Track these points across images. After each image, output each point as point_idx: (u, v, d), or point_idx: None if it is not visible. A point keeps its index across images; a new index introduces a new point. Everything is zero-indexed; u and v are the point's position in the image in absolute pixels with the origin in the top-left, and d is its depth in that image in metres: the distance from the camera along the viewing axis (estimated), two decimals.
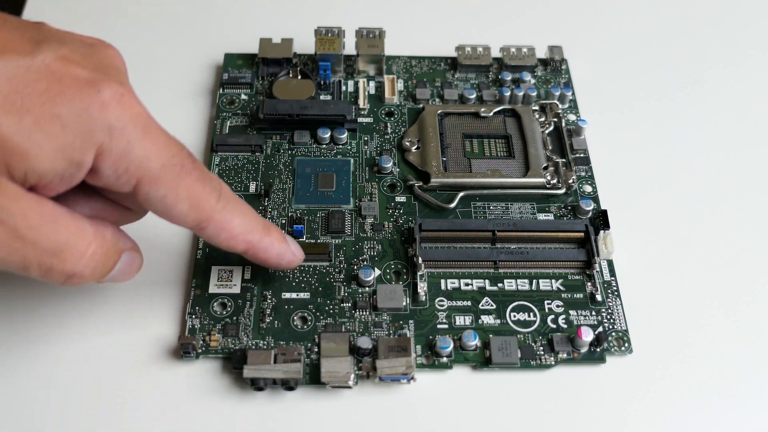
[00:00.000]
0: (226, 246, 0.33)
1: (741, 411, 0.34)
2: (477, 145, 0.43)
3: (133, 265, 0.33)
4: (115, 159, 0.29)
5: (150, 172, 0.30)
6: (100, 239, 0.30)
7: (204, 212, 0.32)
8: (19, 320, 0.36)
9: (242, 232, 0.33)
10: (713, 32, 0.52)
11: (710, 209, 0.42)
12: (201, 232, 0.32)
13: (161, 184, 0.30)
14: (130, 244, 0.33)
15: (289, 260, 0.35)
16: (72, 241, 0.29)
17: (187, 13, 0.52)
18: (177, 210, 0.31)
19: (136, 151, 0.29)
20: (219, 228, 0.32)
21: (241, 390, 0.34)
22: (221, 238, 0.33)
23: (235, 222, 0.33)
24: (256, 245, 0.34)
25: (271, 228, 0.35)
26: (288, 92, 0.45)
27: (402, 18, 0.52)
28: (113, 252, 0.31)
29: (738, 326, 0.37)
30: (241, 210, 0.33)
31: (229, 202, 0.32)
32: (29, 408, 0.34)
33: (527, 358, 0.35)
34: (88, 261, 0.30)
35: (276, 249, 0.35)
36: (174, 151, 0.31)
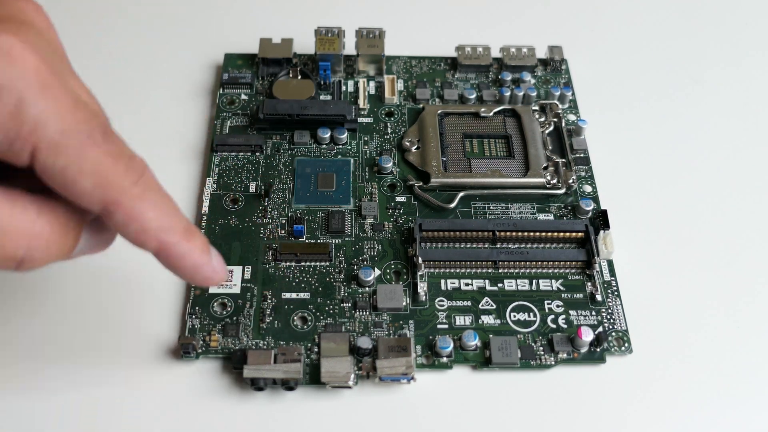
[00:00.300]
0: (134, 240, 0.28)
1: (741, 411, 0.34)
2: (477, 145, 0.43)
3: (105, 233, 0.29)
4: (5, 120, 0.25)
5: (47, 137, 0.25)
6: (48, 215, 0.27)
7: (112, 193, 0.26)
8: (19, 320, 0.36)
9: (157, 228, 0.28)
10: (713, 32, 0.52)
11: (710, 209, 0.42)
12: (107, 218, 0.27)
13: (60, 152, 0.25)
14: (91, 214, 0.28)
15: (206, 276, 0.30)
16: (7, 222, 0.26)
17: (187, 13, 0.52)
18: (80, 186, 0.26)
19: (30, 111, 0.25)
20: (128, 216, 0.27)
21: (241, 390, 0.34)
22: (130, 230, 0.27)
23: (150, 214, 0.27)
24: (171, 248, 0.28)
25: (195, 233, 0.29)
26: (288, 92, 0.45)
27: (402, 18, 0.52)
28: (71, 225, 0.28)
29: (738, 326, 0.37)
30: (161, 203, 0.28)
31: (148, 189, 0.28)
32: (29, 408, 0.34)
33: (527, 358, 0.35)
34: (36, 242, 0.27)
35: (194, 259, 0.29)
36: (80, 117, 0.26)
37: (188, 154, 0.43)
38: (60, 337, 0.36)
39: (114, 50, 0.49)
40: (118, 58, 0.48)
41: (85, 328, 0.36)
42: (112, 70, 0.48)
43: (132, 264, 0.38)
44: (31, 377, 0.34)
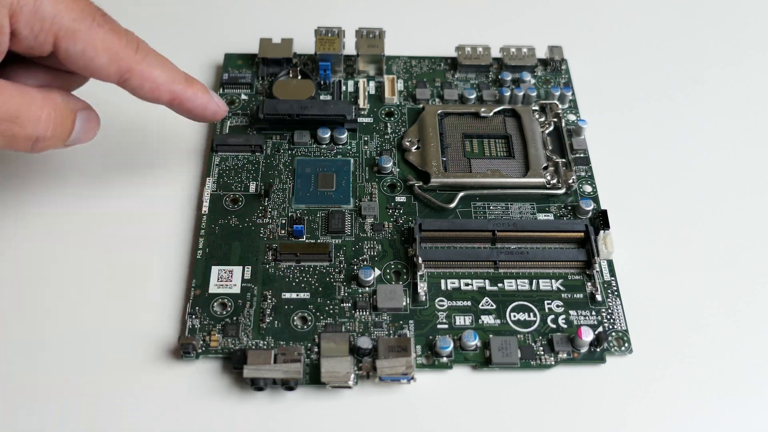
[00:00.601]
0: (151, 97, 0.35)
1: (741, 411, 0.34)
2: (477, 145, 0.43)
3: (92, 122, 0.35)
4: (28, 17, 0.31)
5: (64, 26, 0.31)
6: (51, 103, 0.33)
7: (124, 63, 0.33)
8: (19, 320, 0.36)
9: (165, 82, 0.35)
10: (713, 32, 0.52)
11: (710, 209, 0.42)
12: (125, 85, 0.34)
13: (78, 37, 0.32)
14: (81, 104, 0.35)
15: (213, 111, 0.37)
16: (24, 107, 0.32)
17: (187, 13, 0.52)
18: (98, 62, 0.33)
19: (46, 8, 0.31)
20: (142, 78, 0.34)
21: (241, 390, 0.34)
22: (145, 89, 0.34)
23: (156, 72, 0.34)
24: (181, 95, 0.35)
25: (194, 80, 0.37)
26: (288, 92, 0.45)
27: (402, 18, 0.52)
28: (68, 112, 0.34)
29: (738, 326, 0.37)
30: (161, 61, 0.35)
31: (148, 53, 0.34)
32: (29, 408, 0.34)
33: (527, 358, 0.35)
34: (46, 123, 0.32)
35: (200, 99, 0.36)
36: (82, 5, 0.32)
37: (188, 154, 0.43)
38: (60, 336, 0.36)
39: None
40: None
41: (85, 328, 0.36)
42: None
43: (132, 264, 0.39)
44: (31, 377, 0.34)
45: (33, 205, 0.40)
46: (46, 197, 0.41)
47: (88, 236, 0.39)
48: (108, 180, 0.42)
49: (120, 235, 0.39)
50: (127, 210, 0.40)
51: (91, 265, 0.38)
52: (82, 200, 0.41)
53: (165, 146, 0.44)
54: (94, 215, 0.40)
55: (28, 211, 0.40)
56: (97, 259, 0.39)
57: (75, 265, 0.38)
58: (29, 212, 0.40)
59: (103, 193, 0.41)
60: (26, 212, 0.40)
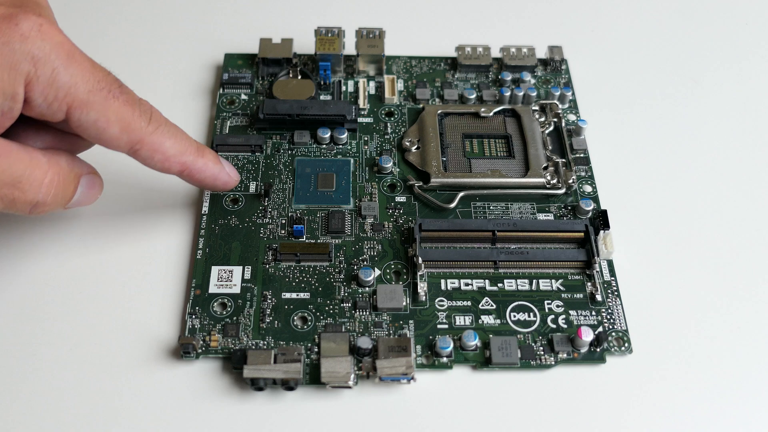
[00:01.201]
0: (161, 168, 0.35)
1: (741, 411, 0.34)
2: (477, 145, 0.43)
3: (94, 188, 0.35)
4: (44, 87, 0.30)
5: (78, 97, 0.31)
6: (55, 167, 0.32)
7: (135, 134, 0.33)
8: (19, 320, 0.36)
9: (175, 153, 0.34)
10: (713, 32, 0.52)
11: (710, 209, 0.42)
12: (135, 155, 0.34)
13: (91, 108, 0.31)
14: (86, 168, 0.35)
15: (224, 181, 0.37)
16: (28, 172, 0.31)
17: (187, 13, 0.52)
18: (109, 133, 0.32)
19: (63, 78, 0.31)
20: (152, 150, 0.34)
21: (241, 390, 0.34)
22: (156, 160, 0.34)
23: (167, 144, 0.34)
24: (191, 166, 0.35)
25: (205, 150, 0.36)
26: (288, 92, 0.45)
27: (402, 18, 0.52)
28: (71, 177, 0.33)
29: (738, 326, 0.37)
30: (173, 132, 0.35)
31: (160, 124, 0.34)
32: (29, 408, 0.34)
33: (527, 358, 0.35)
34: (48, 188, 0.32)
35: (210, 170, 0.36)
36: (99, 76, 0.32)
37: None
38: (60, 336, 0.36)
39: (114, 50, 0.49)
40: (118, 58, 0.48)
41: (85, 328, 0.36)
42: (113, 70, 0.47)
43: (132, 264, 0.39)
44: (31, 377, 0.34)
45: None
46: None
47: (88, 236, 0.39)
48: (107, 180, 0.41)
49: (120, 234, 0.39)
50: (127, 210, 0.40)
51: (91, 264, 0.38)
52: None
53: None
54: (94, 215, 0.40)
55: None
56: (97, 259, 0.39)
57: (75, 265, 0.38)
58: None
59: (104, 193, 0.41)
60: None
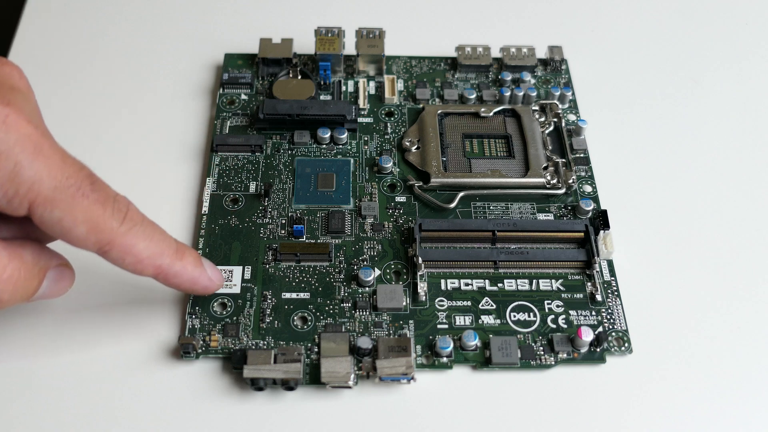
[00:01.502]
0: (133, 270, 0.32)
1: (741, 411, 0.34)
2: (477, 145, 0.43)
3: (63, 281, 0.33)
4: (4, 181, 0.28)
5: (42, 193, 0.28)
6: (16, 261, 0.30)
7: (104, 235, 0.30)
8: (19, 320, 0.36)
9: (149, 255, 0.31)
10: (713, 32, 0.52)
11: (710, 209, 0.42)
12: (105, 256, 0.31)
13: (56, 206, 0.29)
14: (55, 260, 0.32)
15: (204, 286, 0.34)
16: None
17: (187, 13, 0.52)
18: (75, 233, 0.30)
19: (26, 173, 0.28)
20: (123, 252, 0.31)
21: (241, 390, 0.34)
22: (127, 263, 0.31)
23: (141, 245, 0.31)
24: (166, 270, 0.32)
25: (186, 251, 0.33)
26: (288, 92, 0.45)
27: (402, 18, 0.52)
28: (35, 272, 0.31)
29: (738, 326, 0.37)
30: (149, 232, 0.31)
31: (135, 224, 0.31)
32: (29, 408, 0.34)
33: (527, 358, 0.35)
34: (5, 285, 0.30)
35: (189, 274, 0.33)
36: (69, 172, 0.29)
37: (188, 154, 0.43)
38: (60, 336, 0.36)
39: (114, 50, 0.49)
40: (118, 58, 0.48)
41: (85, 328, 0.36)
42: (112, 70, 0.48)
43: None
44: (32, 377, 0.34)
45: None
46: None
47: None
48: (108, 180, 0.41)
49: None
50: None
51: (92, 264, 0.38)
52: None
53: (165, 146, 0.44)
54: None
55: None
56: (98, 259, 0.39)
57: (75, 265, 0.38)
58: None
59: None
60: None
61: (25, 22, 0.49)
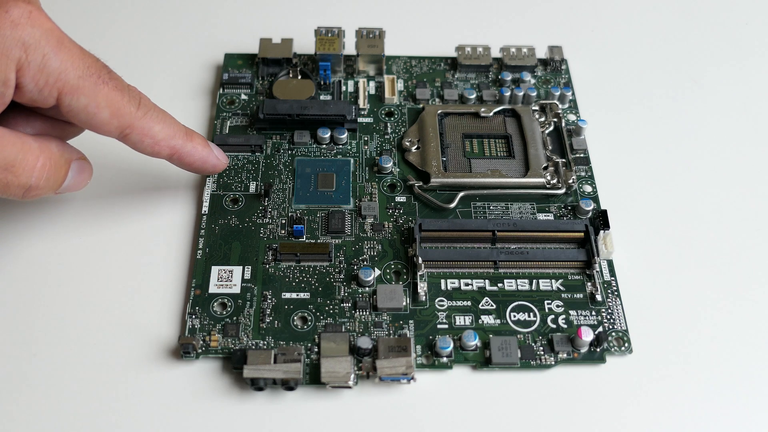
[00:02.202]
0: (151, 152, 0.36)
1: (741, 411, 0.34)
2: (477, 145, 0.43)
3: (84, 173, 0.36)
4: (35, 72, 0.31)
5: (69, 82, 0.32)
6: (47, 152, 0.33)
7: (125, 119, 0.34)
8: (19, 320, 0.36)
9: (165, 137, 0.35)
10: (713, 32, 0.52)
11: (710, 209, 0.42)
12: (125, 140, 0.35)
13: (81, 93, 0.32)
14: (76, 154, 0.35)
15: (213, 164, 0.38)
16: (21, 156, 0.32)
17: (187, 13, 0.52)
18: (99, 118, 0.33)
19: (53, 64, 0.31)
20: (142, 134, 0.34)
21: (241, 390, 0.34)
22: (145, 145, 0.35)
23: (156, 128, 0.35)
24: (180, 150, 0.36)
25: (194, 134, 0.37)
26: (288, 92, 0.45)
27: (402, 18, 0.52)
28: (62, 162, 0.34)
29: (738, 326, 0.37)
30: (162, 117, 0.35)
31: (149, 109, 0.35)
32: (29, 408, 0.34)
33: (527, 358, 0.35)
34: (40, 172, 0.33)
35: (199, 153, 0.37)
36: (89, 62, 0.32)
37: None
38: (60, 336, 0.36)
39: (114, 50, 0.49)
40: (118, 58, 0.48)
41: (85, 328, 0.36)
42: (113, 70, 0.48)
43: (132, 264, 0.39)
44: (31, 377, 0.34)
45: (33, 204, 0.40)
46: (45, 198, 0.41)
47: (88, 236, 0.39)
48: (107, 180, 0.42)
49: (120, 234, 0.39)
50: (127, 210, 0.40)
51: (92, 264, 0.38)
52: (82, 201, 0.41)
53: None
54: (94, 215, 0.40)
55: (28, 210, 0.40)
56: (97, 259, 0.39)
57: (75, 265, 0.38)
58: (30, 212, 0.40)
59: (103, 192, 0.41)
60: (27, 212, 0.40)
61: None
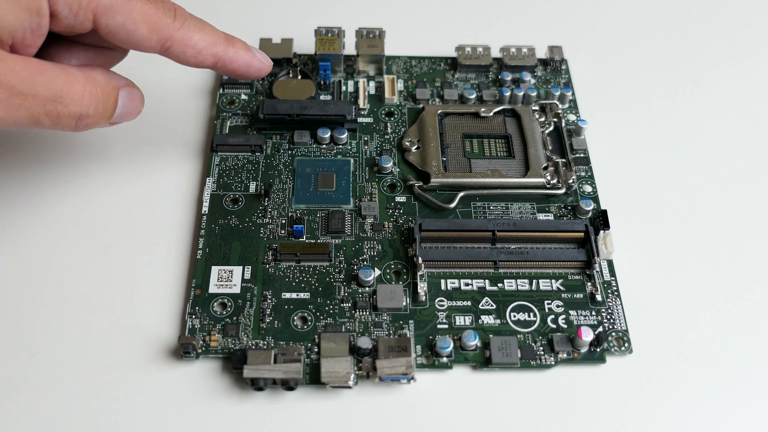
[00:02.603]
0: (194, 62, 0.35)
1: (741, 411, 0.34)
2: (477, 145, 0.43)
3: (135, 100, 0.35)
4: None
5: (102, 3, 0.32)
6: (92, 81, 0.33)
7: (164, 32, 0.33)
8: (19, 320, 0.36)
9: (206, 45, 0.35)
10: (713, 32, 0.52)
11: (710, 209, 0.42)
12: (167, 53, 0.34)
13: (116, 11, 0.32)
14: (123, 81, 0.35)
15: (258, 68, 0.38)
16: (67, 86, 0.32)
17: None
18: (138, 35, 0.33)
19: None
20: (183, 45, 0.34)
21: (241, 390, 0.34)
22: (188, 55, 0.35)
23: (196, 37, 0.35)
24: (223, 56, 0.36)
25: (234, 39, 0.37)
26: (288, 92, 0.45)
27: (402, 18, 0.52)
28: (110, 89, 0.34)
29: (738, 326, 0.37)
30: (200, 25, 0.35)
31: (186, 19, 0.34)
32: (29, 408, 0.34)
33: (527, 358, 0.35)
34: (89, 100, 0.33)
35: (242, 58, 0.37)
36: None
37: (188, 154, 0.43)
38: (60, 336, 0.36)
39: None
40: None
41: (85, 328, 0.36)
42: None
43: (132, 264, 0.39)
44: (31, 377, 0.35)
45: (33, 205, 0.40)
46: (45, 198, 0.41)
47: (88, 236, 0.39)
48: (108, 180, 0.42)
49: (120, 234, 0.39)
50: (127, 210, 0.40)
51: (92, 264, 0.38)
52: (82, 201, 0.41)
53: (165, 146, 0.43)
54: (94, 215, 0.40)
55: (28, 212, 0.40)
56: (98, 259, 0.39)
57: (75, 265, 0.38)
58: (29, 213, 0.40)
59: (103, 192, 0.41)
60: (26, 213, 0.40)
61: None
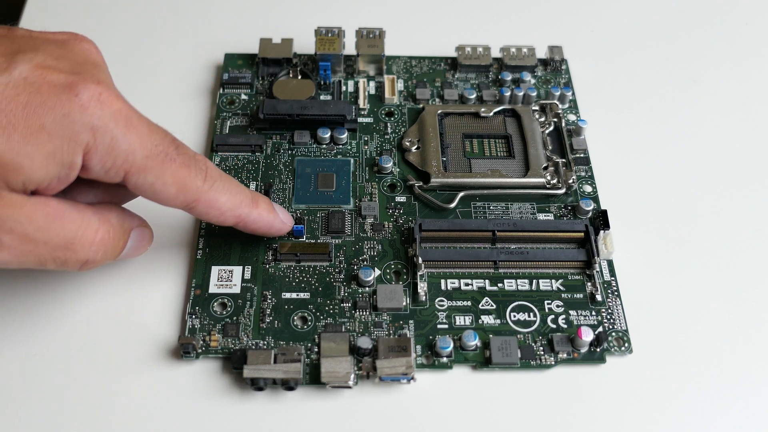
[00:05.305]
0: (216, 222, 0.35)
1: (740, 411, 0.34)
2: (477, 145, 0.43)
3: (144, 240, 0.35)
4: (102, 155, 0.30)
5: (136, 163, 0.31)
6: (106, 225, 0.33)
7: (191, 194, 0.33)
8: (20, 320, 0.36)
9: (230, 207, 0.35)
10: (713, 32, 0.52)
11: (710, 209, 0.42)
12: (191, 211, 0.34)
13: (148, 172, 0.32)
14: (137, 221, 0.35)
15: (278, 228, 0.38)
16: (80, 233, 0.31)
17: (187, 13, 0.52)
18: (166, 195, 0.33)
19: (121, 146, 0.30)
20: (208, 206, 0.34)
21: (241, 390, 0.34)
22: (211, 216, 0.35)
23: (222, 199, 0.34)
24: (245, 218, 0.36)
25: (259, 199, 0.37)
26: (288, 92, 0.45)
27: (402, 18, 0.52)
28: (121, 233, 0.33)
29: (738, 326, 0.37)
30: (228, 186, 0.35)
31: (215, 181, 0.34)
32: (29, 408, 0.34)
33: (527, 358, 0.35)
34: (98, 247, 0.32)
35: (264, 219, 0.37)
36: (157, 140, 0.32)
37: None
38: (60, 337, 0.36)
39: (114, 50, 0.49)
40: (118, 58, 0.48)
41: (85, 328, 0.36)
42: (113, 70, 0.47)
43: (132, 264, 0.38)
44: (31, 376, 0.35)
45: None
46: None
47: None
48: None
49: None
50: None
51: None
52: None
53: None
54: None
55: None
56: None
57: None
58: None
59: None
60: None
61: (24, 23, 0.49)
